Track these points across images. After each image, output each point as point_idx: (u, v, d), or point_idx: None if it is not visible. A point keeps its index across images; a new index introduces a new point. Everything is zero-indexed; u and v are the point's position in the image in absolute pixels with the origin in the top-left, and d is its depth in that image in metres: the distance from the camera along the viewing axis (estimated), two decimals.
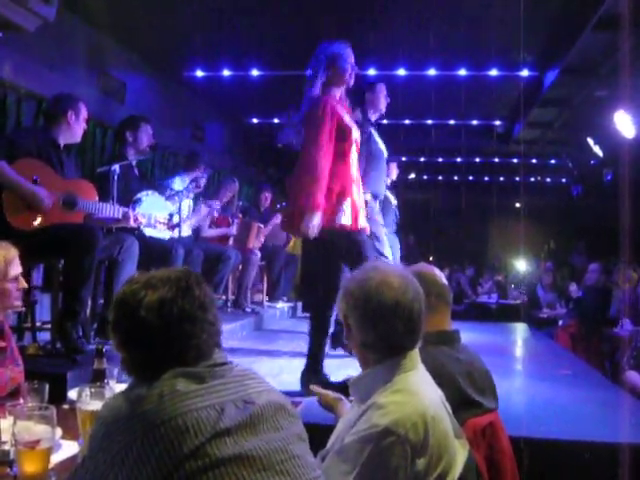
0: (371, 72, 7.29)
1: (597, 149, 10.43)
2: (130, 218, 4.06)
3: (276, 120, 10.07)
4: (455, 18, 6.14)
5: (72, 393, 2.49)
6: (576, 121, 9.72)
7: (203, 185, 5.76)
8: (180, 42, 6.96)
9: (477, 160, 13.51)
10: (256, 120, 10.43)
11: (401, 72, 7.49)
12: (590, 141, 10.34)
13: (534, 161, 13.39)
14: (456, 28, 6.35)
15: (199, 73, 7.94)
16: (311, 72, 3.71)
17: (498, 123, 10.46)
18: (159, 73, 7.78)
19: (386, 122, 4.74)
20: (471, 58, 7.35)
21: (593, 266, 7.88)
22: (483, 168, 14.22)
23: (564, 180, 14.74)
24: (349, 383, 1.90)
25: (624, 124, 7.94)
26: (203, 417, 1.34)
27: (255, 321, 6.46)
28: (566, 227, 15.50)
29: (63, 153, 3.98)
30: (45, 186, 3.67)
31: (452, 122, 10.21)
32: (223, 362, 1.49)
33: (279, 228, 7.59)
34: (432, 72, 7.54)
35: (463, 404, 2.10)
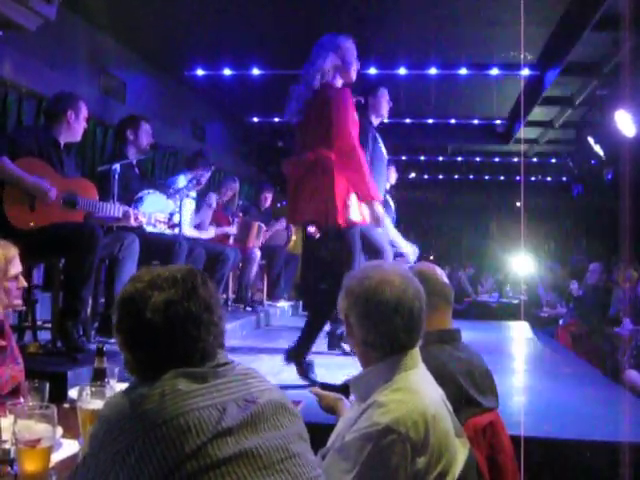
0: (372, 71, 7.29)
1: (598, 148, 10.41)
2: (130, 217, 4.06)
3: (276, 119, 10.07)
4: (456, 17, 6.13)
5: (72, 392, 2.49)
6: (577, 120, 9.72)
7: (204, 183, 5.76)
8: (180, 41, 6.96)
9: (477, 159, 13.50)
10: (256, 119, 10.42)
11: (402, 71, 7.50)
12: (591, 140, 10.31)
13: (534, 160, 13.38)
14: (457, 27, 6.35)
15: (199, 72, 7.93)
16: (318, 61, 3.71)
17: (499, 122, 10.45)
18: (160, 72, 7.78)
19: (386, 121, 4.73)
20: (472, 57, 7.36)
21: (594, 266, 7.89)
22: (483, 167, 14.21)
23: (565, 179, 14.72)
24: (349, 382, 1.90)
25: (625, 123, 7.93)
26: (205, 417, 1.34)
27: (255, 320, 6.46)
28: (566, 226, 15.50)
29: (63, 152, 3.98)
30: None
31: (453, 121, 10.22)
32: (225, 362, 1.48)
33: (280, 230, 7.63)
34: (433, 71, 7.54)
35: (464, 403, 2.10)
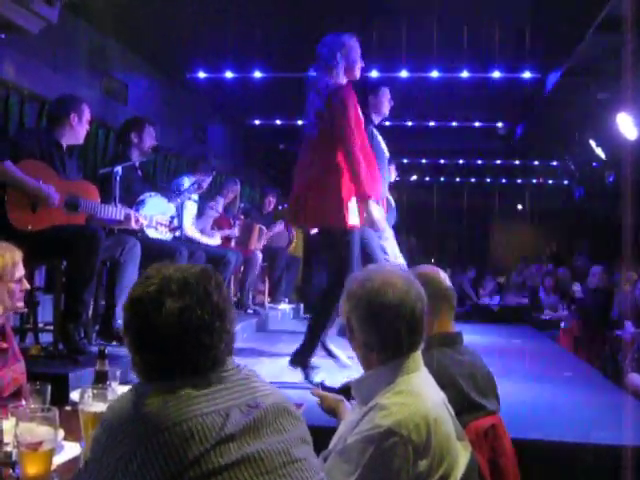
0: (374, 74, 7.29)
1: (599, 151, 10.42)
2: (132, 219, 4.06)
3: (278, 122, 10.08)
4: (457, 20, 6.15)
5: (74, 394, 2.49)
6: (578, 123, 9.72)
7: (206, 186, 5.76)
8: (182, 44, 6.98)
9: (479, 162, 13.52)
10: (258, 122, 10.43)
11: (404, 74, 7.49)
12: (592, 143, 10.33)
13: (536, 163, 13.40)
14: (459, 30, 6.36)
15: (201, 75, 7.95)
16: (324, 59, 3.71)
17: (500, 125, 10.46)
18: (161, 75, 7.79)
19: (388, 124, 4.73)
20: (474, 60, 7.36)
21: (595, 269, 7.87)
22: (485, 170, 14.23)
23: (566, 182, 14.73)
24: (351, 384, 1.90)
25: (626, 126, 7.94)
26: (208, 423, 1.33)
27: (257, 322, 6.45)
28: (568, 229, 15.49)
29: (66, 154, 3.98)
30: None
31: (454, 124, 10.22)
32: (232, 367, 1.47)
33: (281, 233, 7.63)
34: (435, 74, 7.54)
35: (465, 406, 2.09)
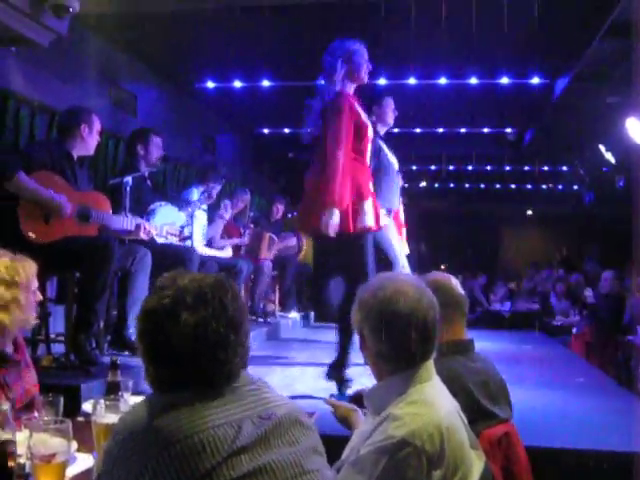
0: (382, 81, 7.30)
1: (609, 156, 10.39)
2: (141, 229, 4.07)
3: (287, 130, 10.10)
4: (465, 26, 6.13)
5: (86, 405, 2.50)
6: (588, 128, 9.68)
7: (215, 195, 5.78)
8: (191, 54, 7.01)
9: (488, 168, 13.49)
10: (267, 131, 10.46)
11: (412, 81, 7.51)
12: (602, 148, 10.30)
13: (545, 168, 13.35)
14: (466, 36, 6.35)
15: (210, 84, 7.98)
16: (327, 67, 3.71)
17: (509, 131, 10.43)
18: (170, 85, 7.83)
19: (397, 131, 4.72)
20: (482, 66, 7.35)
21: (607, 274, 7.83)
22: (494, 176, 14.19)
23: (576, 187, 14.68)
24: (364, 394, 1.89)
25: (636, 130, 7.91)
26: (220, 435, 1.32)
27: (267, 331, 6.45)
28: (578, 234, 15.43)
29: (76, 165, 4.00)
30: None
31: (463, 130, 10.21)
32: (244, 379, 1.45)
33: (291, 243, 7.62)
34: (443, 81, 7.54)
35: (478, 415, 2.08)
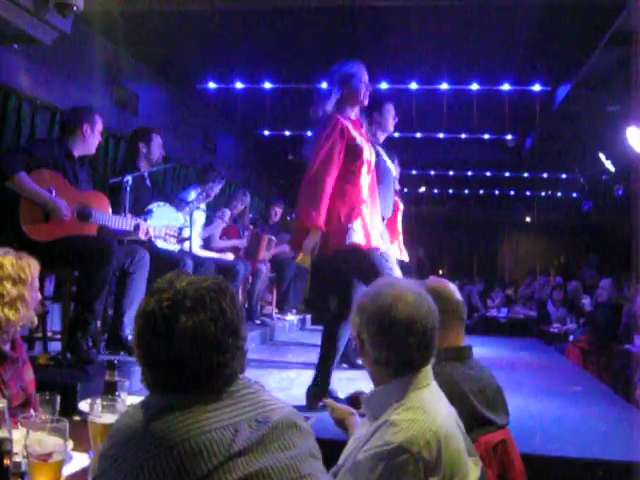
0: (383, 86, 7.31)
1: (609, 164, 10.41)
2: (141, 230, 4.07)
3: (287, 132, 10.11)
4: (467, 33, 6.15)
5: (83, 404, 2.50)
6: (588, 136, 9.70)
7: (213, 195, 5.77)
8: (193, 54, 7.02)
9: (488, 174, 13.50)
10: (268, 132, 10.46)
11: (413, 86, 7.52)
12: (602, 156, 10.31)
13: (545, 176, 13.37)
14: (468, 43, 6.36)
15: (211, 85, 7.99)
16: (325, 90, 3.70)
17: (510, 137, 10.44)
18: (172, 85, 7.83)
19: (397, 135, 4.72)
20: (483, 72, 7.37)
21: (605, 282, 7.84)
22: (494, 182, 14.21)
23: (575, 195, 14.71)
24: (362, 399, 1.89)
25: (636, 139, 7.92)
26: (217, 439, 1.31)
27: (264, 333, 6.45)
28: (577, 242, 15.46)
29: (77, 164, 4.00)
30: (60, 197, 3.70)
31: (463, 136, 10.22)
32: (241, 382, 1.45)
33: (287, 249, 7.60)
34: (444, 86, 7.56)
35: (475, 421, 2.09)
